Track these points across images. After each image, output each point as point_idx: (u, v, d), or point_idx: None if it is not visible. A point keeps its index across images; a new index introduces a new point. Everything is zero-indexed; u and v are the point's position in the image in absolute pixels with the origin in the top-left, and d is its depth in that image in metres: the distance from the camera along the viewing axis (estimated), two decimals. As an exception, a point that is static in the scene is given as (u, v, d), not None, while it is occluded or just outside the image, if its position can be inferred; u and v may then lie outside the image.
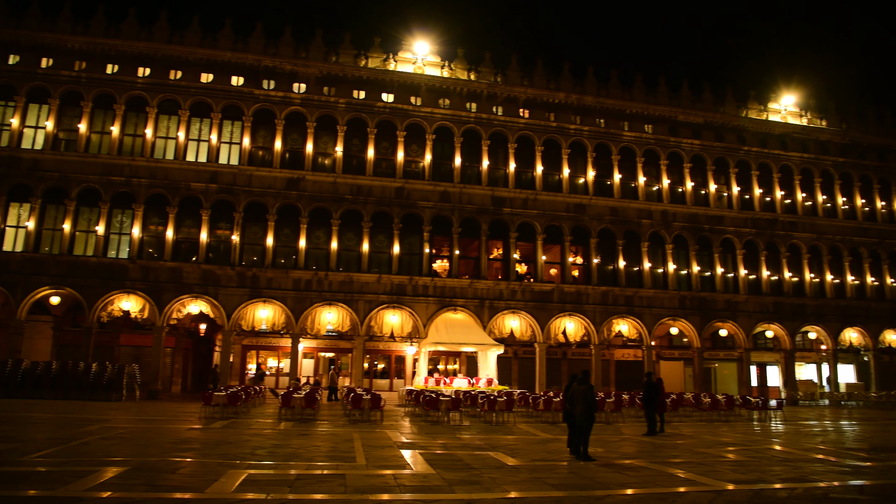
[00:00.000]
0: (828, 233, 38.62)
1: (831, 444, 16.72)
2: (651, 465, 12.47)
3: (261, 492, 9.18)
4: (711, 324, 35.71)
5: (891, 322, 38.94)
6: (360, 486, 9.90)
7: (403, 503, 9.00)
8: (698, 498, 9.34)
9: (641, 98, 36.84)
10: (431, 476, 10.91)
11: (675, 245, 35.66)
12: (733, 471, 11.95)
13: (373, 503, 8.88)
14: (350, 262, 31.90)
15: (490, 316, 32.38)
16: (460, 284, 32.38)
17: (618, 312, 34.08)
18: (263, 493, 9.05)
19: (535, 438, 17.61)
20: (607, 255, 34.86)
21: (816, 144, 39.80)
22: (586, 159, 35.42)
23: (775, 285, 37.30)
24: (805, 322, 37.45)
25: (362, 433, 17.47)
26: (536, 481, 10.63)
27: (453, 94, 34.29)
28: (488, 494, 9.44)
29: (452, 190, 33.03)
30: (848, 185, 40.04)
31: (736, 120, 38.22)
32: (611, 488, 10.02)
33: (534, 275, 33.94)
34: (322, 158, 32.79)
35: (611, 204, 35.06)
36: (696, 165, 37.21)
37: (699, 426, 21.82)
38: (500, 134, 34.50)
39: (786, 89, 40.35)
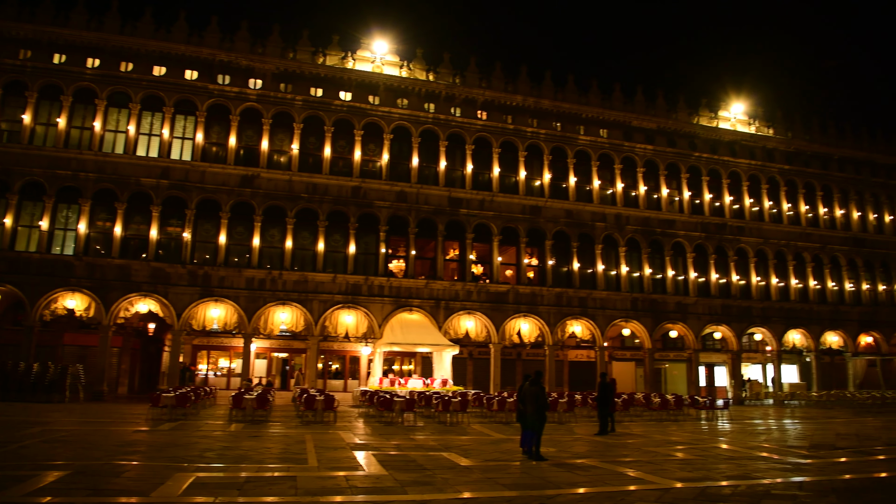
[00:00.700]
0: (773, 238, 39.87)
1: (774, 443, 17.25)
2: (602, 465, 12.66)
3: (209, 495, 8.99)
4: (662, 325, 36.49)
5: (832, 324, 40.41)
6: (311, 488, 9.80)
7: (355, 505, 8.93)
8: (646, 496, 9.53)
9: (597, 103, 37.41)
10: (384, 477, 10.87)
11: (628, 248, 36.31)
12: (681, 469, 12.22)
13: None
14: (305, 261, 31.54)
15: (446, 316, 32.43)
16: (416, 285, 32.35)
17: (572, 314, 34.53)
18: (211, 497, 8.87)
19: (488, 439, 17.70)
20: (562, 257, 35.28)
21: (764, 152, 41.05)
22: (542, 162, 35.79)
23: (723, 288, 38.33)
24: (751, 324, 38.59)
25: (315, 434, 17.29)
26: (489, 481, 10.68)
27: (411, 95, 34.24)
28: (440, 495, 9.44)
29: (409, 190, 32.97)
30: (793, 191, 41.41)
31: (688, 126, 39.15)
32: (562, 487, 10.14)
33: (489, 276, 34.13)
34: (278, 156, 32.34)
35: (566, 206, 35.50)
36: (649, 170, 37.98)
37: (649, 425, 22.25)
38: (458, 135, 34.59)
39: (736, 98, 41.52)
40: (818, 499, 9.29)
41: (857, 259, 42.03)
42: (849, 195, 42.87)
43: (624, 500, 9.15)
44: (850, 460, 13.65)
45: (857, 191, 43.16)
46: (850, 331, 40.78)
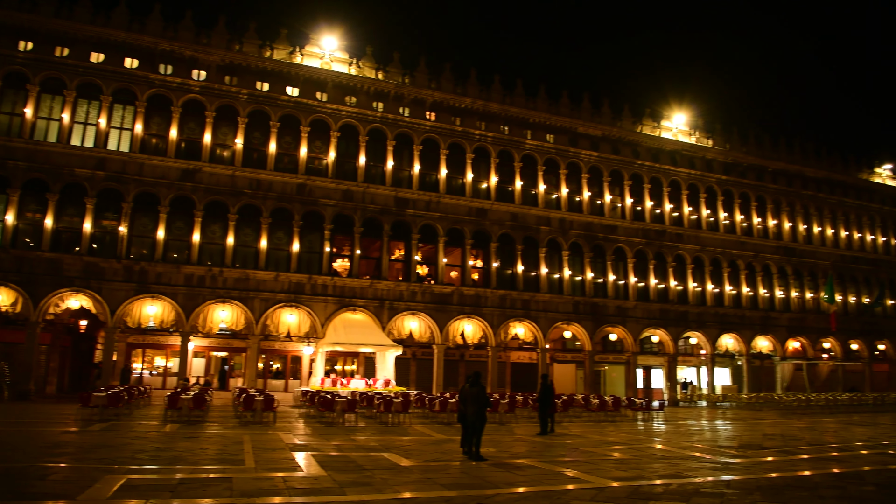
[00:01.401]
0: (710, 245, 41.22)
1: (706, 443, 17.81)
2: (540, 465, 12.83)
3: (140, 497, 8.72)
4: (602, 328, 37.25)
5: (762, 329, 42.07)
6: (247, 489, 9.61)
7: (292, 506, 8.80)
8: (582, 495, 9.70)
9: (544, 108, 37.94)
10: (323, 478, 10.75)
11: (571, 252, 36.94)
12: (616, 468, 12.49)
13: (260, 507, 8.63)
14: (247, 258, 30.92)
15: (390, 317, 32.31)
16: (360, 284, 32.12)
17: (515, 316, 34.91)
18: (143, 499, 8.61)
19: (429, 439, 17.72)
20: (506, 260, 35.63)
21: (703, 162, 42.41)
22: (490, 165, 36.07)
23: (662, 293, 39.40)
24: (687, 328, 39.80)
25: (253, 435, 16.98)
26: (428, 481, 10.69)
27: (360, 93, 34.00)
28: (379, 496, 9.40)
29: (356, 189, 32.73)
30: (729, 201, 42.91)
31: (631, 135, 40.10)
32: (500, 487, 10.23)
33: (434, 277, 34.18)
34: (221, 150, 31.62)
35: (512, 210, 35.86)
36: (594, 176, 38.73)
37: (588, 426, 22.67)
38: (406, 135, 34.53)
39: (678, 108, 42.77)
40: (744, 496, 9.65)
41: (787, 267, 43.86)
42: (781, 206, 44.70)
43: (560, 500, 9.29)
44: (776, 459, 14.22)
45: (789, 202, 45.05)
46: (779, 336, 42.53)
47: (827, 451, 16.03)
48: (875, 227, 48.86)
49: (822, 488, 10.34)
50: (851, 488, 10.39)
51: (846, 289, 46.15)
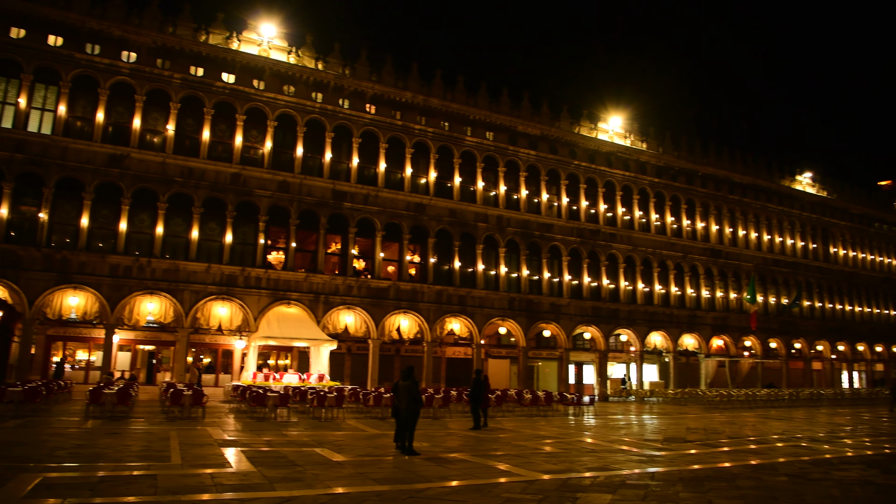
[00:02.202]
0: (642, 245, 42.44)
1: (633, 437, 18.34)
2: (473, 458, 12.93)
3: (57, 496, 8.33)
4: (537, 325, 37.85)
5: (689, 328, 43.66)
6: (172, 486, 9.32)
7: (219, 503, 8.58)
8: (512, 488, 9.83)
9: (485, 106, 38.18)
10: (252, 474, 10.55)
11: (507, 249, 37.36)
12: (547, 462, 12.72)
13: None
14: (177, 249, 29.95)
15: (325, 311, 31.92)
16: (295, 278, 31.60)
17: (451, 311, 35.06)
18: (59, 498, 8.23)
19: (363, 434, 17.62)
20: (444, 256, 35.72)
21: (637, 164, 43.59)
22: (429, 160, 36.06)
23: (594, 291, 40.33)
24: (618, 325, 40.89)
25: (181, 431, 16.50)
26: (360, 476, 10.63)
27: (299, 82, 33.39)
28: (310, 491, 9.29)
29: (292, 180, 32.14)
30: (661, 203, 44.27)
31: (569, 135, 40.82)
32: (432, 481, 10.26)
33: (371, 271, 33.96)
34: (151, 136, 30.49)
35: (450, 206, 35.97)
36: (531, 175, 39.26)
37: (520, 421, 23.01)
38: (345, 127, 34.14)
39: (614, 111, 43.78)
40: (667, 487, 9.98)
41: (714, 268, 45.63)
42: (709, 209, 46.44)
43: (491, 493, 9.39)
44: (698, 452, 14.78)
45: (717, 206, 46.85)
46: (704, 334, 44.23)
47: (745, 443, 16.76)
48: (795, 232, 51.40)
49: (739, 479, 10.80)
50: (766, 479, 10.89)
51: (767, 290, 48.39)
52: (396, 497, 9.01)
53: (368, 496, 9.03)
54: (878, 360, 56.42)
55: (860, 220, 56.96)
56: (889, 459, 13.75)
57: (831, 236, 54.19)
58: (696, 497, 9.20)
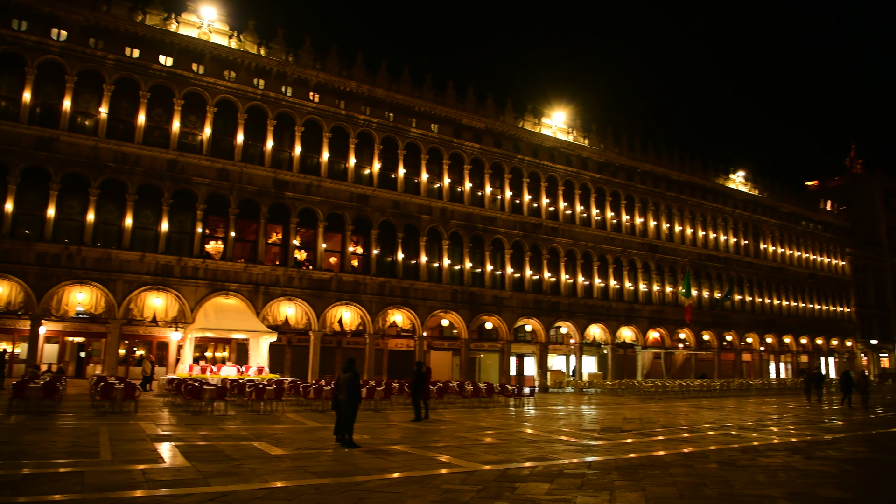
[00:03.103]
0: (582, 240, 43.22)
1: (572, 427, 18.69)
2: (413, 450, 12.92)
3: (-28, 495, 7.90)
4: (479, 317, 38.11)
5: (627, 320, 44.75)
6: (101, 483, 8.98)
7: (151, 500, 8.30)
8: (452, 479, 9.86)
9: (430, 98, 38.07)
10: (186, 469, 10.26)
11: (451, 241, 37.45)
12: (487, 453, 12.82)
13: (114, 501, 8.08)
14: (109, 237, 28.84)
15: (265, 302, 31.32)
16: (234, 268, 30.88)
17: (394, 303, 34.93)
18: (-25, 496, 7.80)
19: (302, 427, 17.39)
20: (387, 247, 35.53)
21: (579, 160, 44.29)
22: (373, 151, 35.74)
23: (536, 284, 40.87)
24: (559, 318, 41.58)
25: (111, 426, 15.92)
26: (299, 470, 10.47)
27: (240, 68, 32.53)
28: (246, 485, 9.09)
29: (232, 168, 31.35)
30: (601, 198, 45.15)
31: (513, 130, 41.13)
32: (372, 474, 10.20)
33: (313, 262, 33.49)
34: (82, 119, 29.21)
35: (394, 197, 35.77)
36: (475, 168, 39.41)
37: (462, 412, 23.13)
38: (288, 115, 33.48)
39: (558, 107, 44.36)
40: (603, 475, 10.20)
41: (651, 263, 46.87)
42: (647, 205, 47.64)
43: (431, 484, 9.39)
44: (634, 441, 15.16)
45: (655, 202, 48.10)
46: (641, 326, 45.43)
47: (679, 432, 17.29)
48: (728, 228, 53.29)
49: (672, 467, 11.13)
50: (697, 466, 11.26)
51: (701, 284, 50.04)
52: (335, 490, 8.91)
53: (307, 490, 8.91)
54: (804, 352, 59.22)
55: (788, 218, 59.51)
56: (811, 446, 14.41)
57: (761, 233, 56.44)
58: (631, 484, 9.42)
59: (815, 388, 30.73)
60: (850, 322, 65.33)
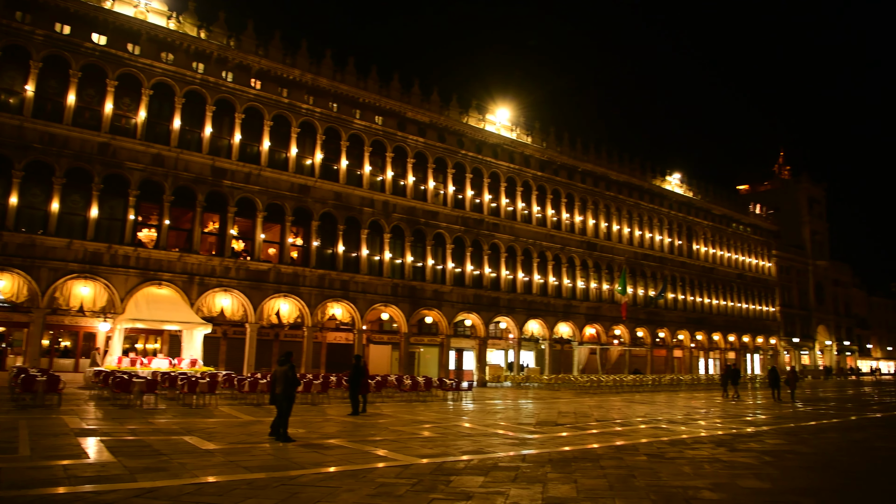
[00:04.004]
0: (523, 236, 43.73)
1: (508, 420, 18.90)
2: (350, 444, 12.82)
3: None
4: (419, 311, 38.11)
5: (564, 316, 45.57)
6: (19, 480, 8.58)
7: (73, 496, 7.96)
8: (388, 472, 9.83)
9: (375, 89, 37.75)
10: (111, 465, 9.90)
11: (392, 235, 37.28)
12: (423, 446, 12.83)
13: (33, 499, 7.71)
14: (33, 222, 27.49)
15: (200, 293, 30.48)
16: (168, 257, 29.93)
17: (333, 296, 34.57)
18: None
19: (236, 421, 17.03)
20: (328, 239, 35.10)
21: (521, 157, 44.75)
22: (315, 141, 35.21)
23: (476, 279, 41.14)
24: (498, 313, 41.98)
25: (32, 420, 15.23)
26: (231, 464, 10.24)
27: (179, 50, 31.48)
28: (175, 481, 8.83)
29: (168, 154, 30.33)
30: (542, 196, 45.77)
31: (458, 125, 41.21)
32: (306, 468, 10.07)
33: (251, 253, 32.79)
34: (6, 96, 27.72)
35: (335, 189, 35.34)
36: (419, 162, 39.33)
37: (400, 406, 23.10)
38: (228, 101, 32.62)
39: (502, 104, 44.70)
40: (537, 468, 10.35)
41: (589, 261, 47.84)
42: (587, 204, 48.57)
43: (366, 478, 9.34)
44: (568, 435, 15.44)
45: (594, 201, 49.08)
46: (578, 322, 46.36)
47: (612, 426, 17.72)
48: (663, 228, 54.89)
49: (603, 459, 11.39)
50: (627, 458, 11.55)
51: (636, 282, 51.40)
52: (268, 484, 8.75)
53: (238, 484, 8.72)
54: (731, 349, 61.68)
55: (720, 221, 61.74)
56: (735, 439, 14.99)
57: (694, 234, 58.38)
58: (563, 477, 9.59)
59: (731, 383, 31.85)
60: (774, 321, 68.35)
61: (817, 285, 79.32)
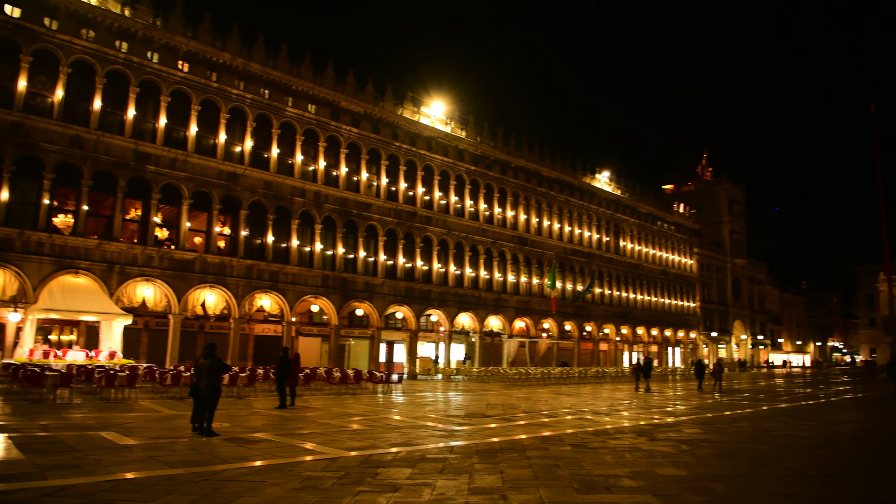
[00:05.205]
0: (455, 230, 43.95)
1: (438, 413, 19.00)
2: (276, 438, 12.61)
3: None
4: (350, 303, 37.78)
5: (495, 310, 46.11)
6: (-88, 478, 8.01)
7: (-27, 495, 7.53)
8: (314, 465, 9.72)
9: (308, 77, 37.06)
10: (20, 462, 9.41)
11: (324, 226, 36.78)
12: (351, 439, 12.75)
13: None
14: (-64, 204, 25.75)
15: (120, 282, 29.26)
16: (86, 245, 28.57)
17: (262, 287, 33.84)
18: None
19: (157, 415, 16.47)
20: (257, 229, 34.31)
21: (455, 151, 44.91)
22: (245, 128, 34.29)
23: (408, 272, 41.10)
24: (430, 306, 42.09)
25: (-70, 414, 14.29)
26: (150, 460, 9.90)
27: (100, 27, 29.98)
28: (89, 478, 8.46)
29: (87, 136, 28.91)
30: (475, 190, 46.10)
31: (392, 116, 40.97)
32: (230, 462, 9.84)
33: (175, 241, 31.69)
34: None
35: (266, 177, 34.56)
36: (352, 152, 38.89)
37: (329, 399, 22.87)
38: (153, 83, 31.34)
39: (437, 97, 44.71)
40: (464, 459, 10.45)
41: (520, 255, 48.54)
42: (519, 199, 49.23)
43: (292, 472, 9.20)
44: (496, 426, 15.65)
45: (526, 196, 49.80)
46: (508, 316, 47.02)
47: (539, 417, 18.07)
48: (592, 225, 56.27)
49: (529, 450, 11.60)
50: (553, 449, 11.81)
51: (565, 277, 52.53)
52: (189, 480, 8.50)
53: (158, 480, 8.43)
54: (654, 343, 63.94)
55: (646, 218, 63.79)
56: (655, 428, 15.55)
57: (622, 231, 60.11)
58: (490, 467, 9.72)
59: (643, 376, 32.88)
60: (695, 316, 71.23)
61: (735, 282, 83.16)
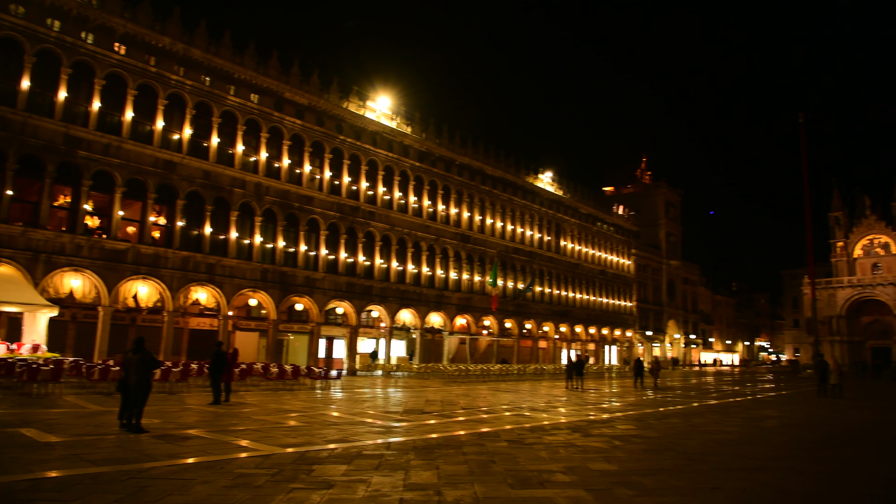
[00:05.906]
0: (399, 226, 43.81)
1: (376, 409, 18.91)
2: (209, 435, 12.30)
3: None
4: (289, 298, 37.19)
5: (436, 306, 46.20)
6: None
7: None
8: (248, 462, 9.52)
9: (252, 66, 36.24)
10: (-72, 459, 8.87)
11: (264, 218, 36.08)
12: (287, 436, 12.55)
13: None
14: None
15: (46, 272, 27.98)
16: (10, 232, 27.18)
17: (198, 280, 32.95)
18: None
19: (83, 411, 15.84)
20: (193, 220, 33.37)
21: (400, 147, 44.75)
22: (184, 115, 33.28)
23: (350, 267, 40.75)
24: (371, 302, 41.83)
25: None
26: (74, 458, 9.51)
27: (31, 3, 28.49)
28: (5, 477, 8.09)
29: (14, 118, 27.48)
30: (419, 186, 46.05)
31: (337, 109, 40.48)
32: (159, 460, 9.54)
33: (107, 231, 30.50)
34: None
35: (205, 167, 33.64)
36: (295, 144, 38.27)
37: (266, 395, 22.47)
38: (87, 65, 30.05)
39: (383, 92, 44.43)
40: (400, 456, 10.43)
41: (462, 252, 48.77)
42: (462, 197, 49.44)
43: (224, 469, 8.99)
44: (434, 422, 15.67)
45: (469, 194, 50.05)
46: (450, 313, 47.18)
47: (477, 414, 18.19)
48: (534, 224, 57.01)
49: (466, 446, 11.66)
50: (489, 445, 11.90)
51: (506, 275, 53.05)
52: (115, 478, 8.20)
53: (81, 479, 8.10)
54: (592, 341, 65.32)
55: (586, 219, 65.06)
56: (590, 425, 15.87)
57: (562, 231, 61.13)
58: (426, 464, 9.72)
59: (575, 374, 33.36)
60: (631, 315, 73.09)
61: (669, 283, 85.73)
